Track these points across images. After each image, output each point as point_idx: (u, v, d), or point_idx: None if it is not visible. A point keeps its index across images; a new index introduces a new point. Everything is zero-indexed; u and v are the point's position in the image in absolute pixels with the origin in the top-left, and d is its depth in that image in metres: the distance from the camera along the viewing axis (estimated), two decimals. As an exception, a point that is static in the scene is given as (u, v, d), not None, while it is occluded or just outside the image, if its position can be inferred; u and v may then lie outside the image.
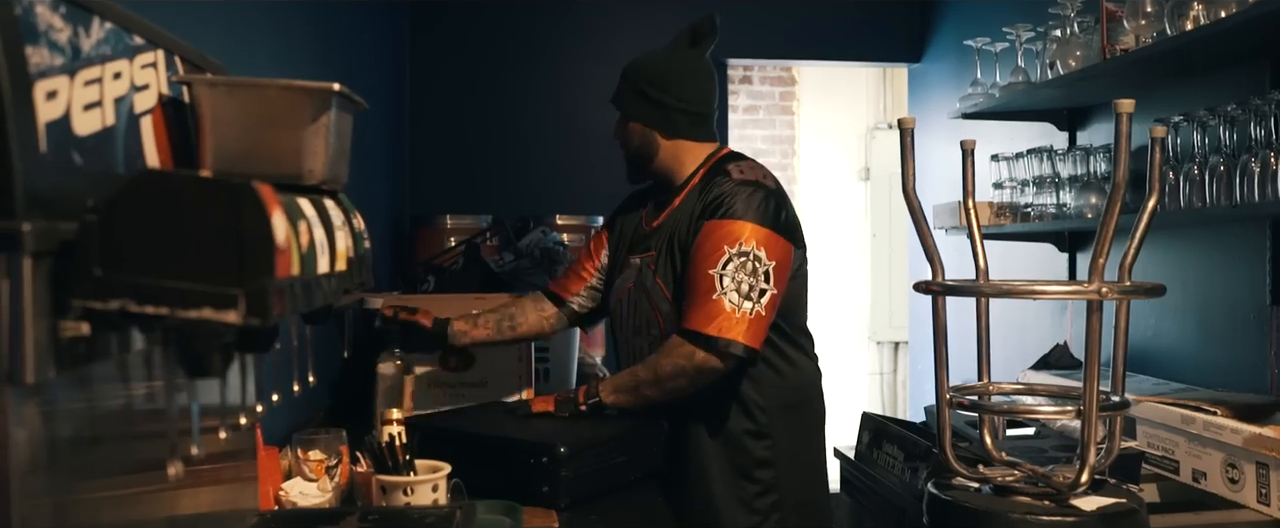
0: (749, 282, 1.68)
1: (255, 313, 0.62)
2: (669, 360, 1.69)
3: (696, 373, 1.67)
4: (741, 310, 1.67)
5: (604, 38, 3.62)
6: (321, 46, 2.37)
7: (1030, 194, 2.48)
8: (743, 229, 1.71)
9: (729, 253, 1.69)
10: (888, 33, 3.76)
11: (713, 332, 1.66)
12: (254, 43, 1.69)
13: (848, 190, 5.14)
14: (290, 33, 2.00)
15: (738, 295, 1.67)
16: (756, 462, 1.82)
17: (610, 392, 1.75)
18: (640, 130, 1.84)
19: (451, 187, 3.55)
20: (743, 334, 1.67)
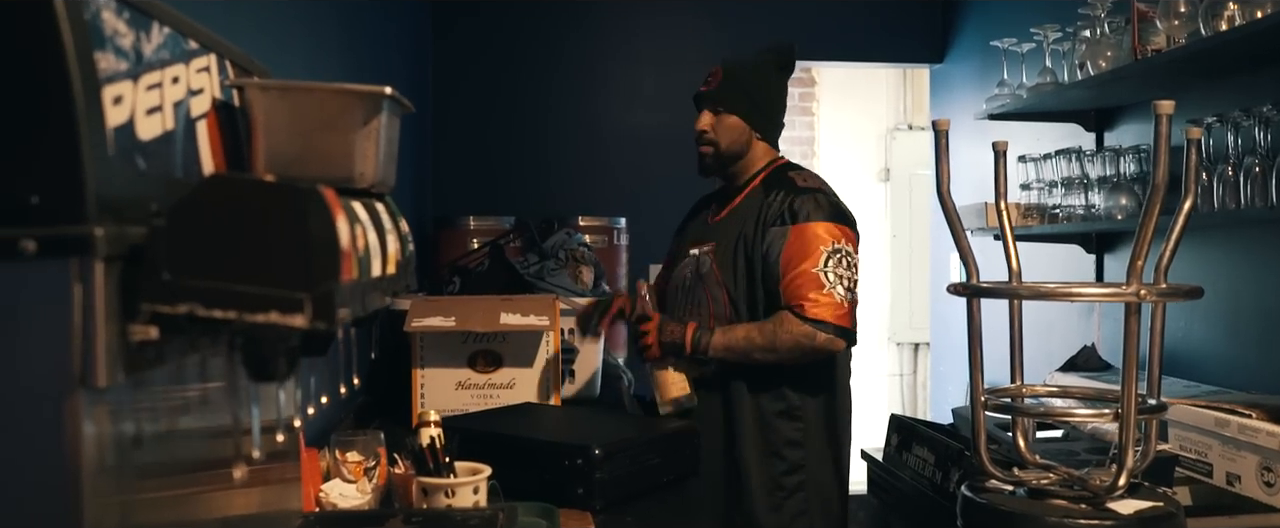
0: (847, 276, 1.91)
1: (322, 317, 0.63)
2: (789, 335, 1.88)
3: (814, 351, 1.88)
4: (846, 300, 1.90)
5: (625, 39, 3.63)
6: (350, 49, 2.38)
7: (1058, 195, 2.47)
8: (831, 229, 1.92)
9: (825, 251, 1.90)
10: (909, 34, 3.74)
11: (832, 319, 1.87)
12: (290, 45, 1.70)
13: (867, 191, 5.12)
14: (324, 37, 2.01)
15: (843, 289, 1.90)
16: (787, 442, 1.97)
17: (722, 348, 1.92)
18: (739, 127, 2.01)
19: (473, 188, 3.56)
20: (850, 322, 1.91)
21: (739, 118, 2.01)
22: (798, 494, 1.97)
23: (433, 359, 2.19)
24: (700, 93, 2.08)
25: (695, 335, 1.94)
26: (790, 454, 1.97)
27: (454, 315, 2.15)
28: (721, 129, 2.02)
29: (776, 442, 1.96)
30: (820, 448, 1.99)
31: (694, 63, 3.67)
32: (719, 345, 1.93)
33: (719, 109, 2.03)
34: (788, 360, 1.91)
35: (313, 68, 2.10)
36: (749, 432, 1.96)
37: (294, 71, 1.84)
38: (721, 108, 2.02)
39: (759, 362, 1.92)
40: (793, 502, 1.97)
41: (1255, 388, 2.10)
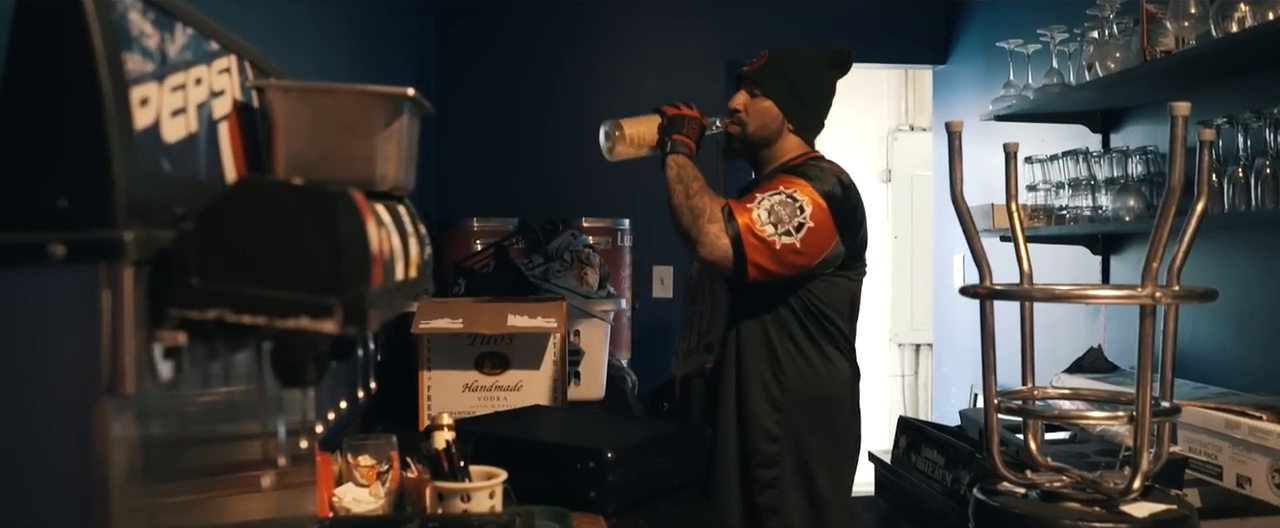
0: (782, 214, 1.80)
1: (353, 321, 0.62)
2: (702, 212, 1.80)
3: (696, 236, 1.79)
4: (762, 226, 1.79)
5: (628, 38, 3.62)
6: (356, 49, 2.38)
7: (1065, 197, 2.46)
8: (802, 184, 1.84)
9: (779, 191, 1.82)
10: (912, 35, 3.74)
11: (740, 220, 1.78)
12: (299, 45, 1.69)
13: (869, 192, 5.09)
14: (331, 35, 2.01)
15: (765, 214, 1.78)
16: (766, 460, 1.92)
17: (676, 177, 1.86)
18: (772, 112, 1.95)
19: (477, 189, 3.55)
20: (752, 244, 1.77)
21: (774, 103, 1.96)
22: (775, 517, 1.92)
23: (439, 361, 2.18)
24: (741, 71, 2.03)
25: (673, 143, 1.90)
26: (766, 475, 1.93)
27: (461, 318, 2.14)
28: (753, 111, 1.97)
29: (755, 458, 1.93)
30: (801, 468, 1.93)
31: (696, 63, 3.68)
32: (673, 164, 1.88)
33: (756, 91, 1.98)
34: (678, 227, 1.83)
35: (320, 67, 2.09)
36: (731, 444, 1.94)
37: (304, 72, 1.84)
38: (758, 90, 1.97)
39: (674, 206, 1.85)
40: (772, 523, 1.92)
41: (1263, 390, 2.10)
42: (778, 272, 1.81)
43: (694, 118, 1.98)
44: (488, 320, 2.14)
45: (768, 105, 1.99)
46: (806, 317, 1.91)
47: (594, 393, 2.60)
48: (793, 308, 1.91)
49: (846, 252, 1.89)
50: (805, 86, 1.98)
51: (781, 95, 1.97)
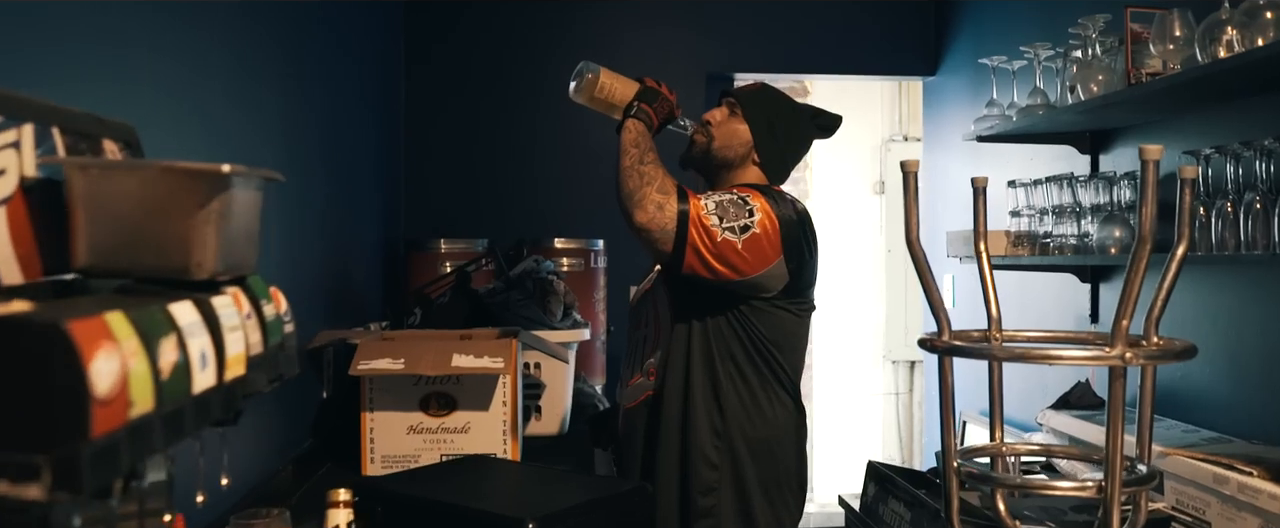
0: (729, 210, 1.72)
1: (65, 485, 0.50)
2: (659, 188, 1.72)
3: (648, 203, 1.70)
4: (708, 215, 1.71)
5: (608, 53, 3.48)
6: (299, 63, 2.27)
7: (1050, 223, 2.33)
8: (756, 195, 1.77)
9: (732, 193, 1.76)
10: (902, 46, 3.61)
11: (691, 202, 1.71)
12: (246, 57, 1.58)
13: (862, 204, 4.99)
14: (287, 49, 1.89)
15: (713, 206, 1.72)
16: (705, 487, 1.81)
17: (632, 141, 1.78)
18: (742, 138, 1.88)
19: (448, 208, 3.44)
20: (695, 230, 1.69)
21: (748, 128, 1.89)
22: None
23: (382, 402, 2.07)
24: (727, 88, 1.98)
25: (639, 110, 1.83)
26: (705, 503, 1.82)
27: (403, 357, 2.03)
28: (726, 129, 1.90)
29: (692, 490, 1.81)
30: (738, 510, 1.82)
31: (679, 78, 3.54)
32: (632, 128, 1.80)
33: (737, 110, 1.90)
34: (621, 191, 1.74)
35: (280, 80, 1.99)
36: (670, 475, 1.83)
37: (258, 83, 1.73)
38: (738, 110, 1.90)
39: (622, 170, 1.76)
40: None
41: (1258, 434, 1.97)
42: (714, 266, 1.72)
43: (668, 102, 1.89)
44: (431, 360, 2.02)
45: (741, 128, 1.91)
46: (751, 348, 1.80)
47: (554, 428, 2.49)
48: (738, 336, 1.80)
49: (790, 279, 1.78)
50: (783, 128, 1.92)
51: (758, 124, 1.90)
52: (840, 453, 4.77)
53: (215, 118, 1.64)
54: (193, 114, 1.54)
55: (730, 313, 1.80)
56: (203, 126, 1.57)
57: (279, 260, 2.00)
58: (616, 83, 1.90)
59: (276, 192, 1.94)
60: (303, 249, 2.18)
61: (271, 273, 1.91)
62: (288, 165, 2.04)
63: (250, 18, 1.82)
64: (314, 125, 2.26)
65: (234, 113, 1.73)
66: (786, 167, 1.95)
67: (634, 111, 1.84)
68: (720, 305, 1.80)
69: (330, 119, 2.41)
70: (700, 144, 1.94)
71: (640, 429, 1.87)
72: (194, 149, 1.52)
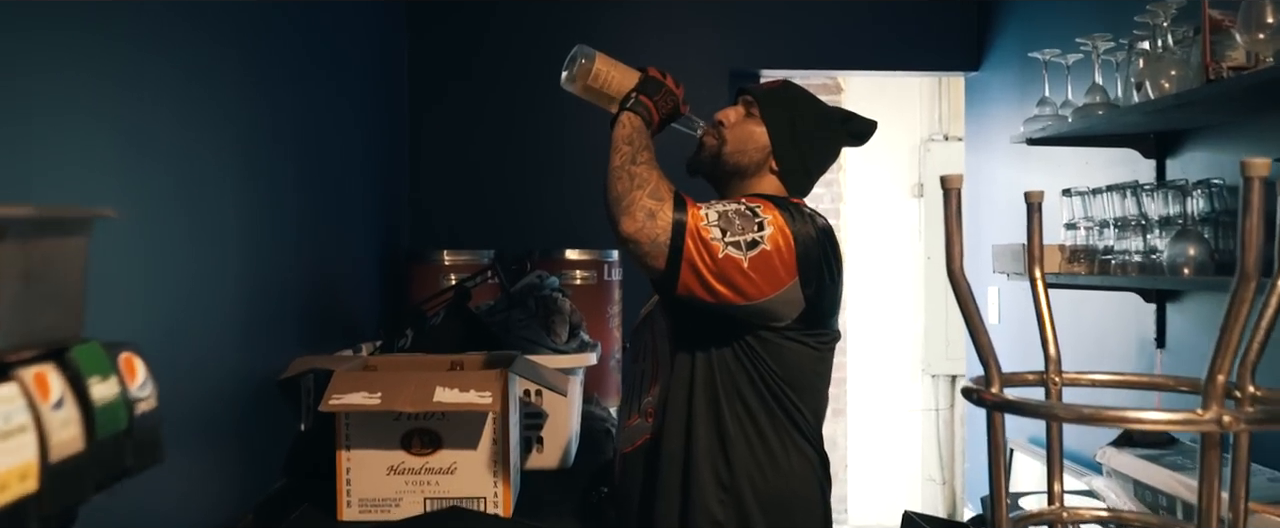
0: (735, 223, 1.48)
1: None
2: (652, 193, 1.48)
3: (637, 210, 1.46)
4: (707, 227, 1.46)
5: (626, 51, 3.25)
6: (314, 61, 2.08)
7: (1110, 237, 2.07)
8: (769, 207, 1.52)
9: (739, 203, 1.52)
10: (942, 39, 3.35)
11: (689, 211, 1.47)
12: (229, 59, 1.37)
13: (899, 208, 4.73)
14: (280, 49, 1.69)
15: (715, 216, 1.48)
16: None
17: (625, 137, 1.55)
18: (759, 142, 1.65)
19: (455, 217, 3.23)
20: (692, 244, 1.45)
21: (766, 132, 1.65)
22: None
23: (360, 439, 1.86)
24: (745, 86, 1.71)
25: (636, 102, 1.60)
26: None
27: (380, 391, 1.82)
28: (740, 131, 1.66)
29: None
30: None
31: (703, 78, 3.31)
32: (627, 122, 1.57)
33: (753, 111, 1.66)
34: (609, 194, 1.50)
35: (267, 83, 1.79)
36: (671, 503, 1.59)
37: (240, 90, 1.53)
38: (755, 110, 1.66)
39: (613, 169, 1.52)
40: None
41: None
42: (714, 287, 1.47)
43: (672, 95, 1.65)
44: (411, 395, 1.81)
45: (758, 131, 1.66)
46: (763, 387, 1.55)
47: (556, 461, 2.27)
48: (747, 372, 1.56)
49: (807, 307, 1.53)
50: (806, 132, 1.66)
51: (777, 127, 1.65)
52: (876, 473, 4.52)
53: (148, 133, 1.44)
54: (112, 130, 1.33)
55: (737, 345, 1.56)
56: (126, 143, 1.37)
57: (240, 279, 1.80)
58: (614, 71, 1.67)
59: (233, 206, 1.73)
60: (272, 267, 1.98)
61: (229, 295, 1.71)
62: (246, 175, 1.84)
63: (195, 17, 1.61)
64: (286, 131, 2.06)
65: (176, 127, 1.53)
66: (810, 177, 1.70)
67: (630, 104, 1.60)
68: (725, 335, 1.56)
69: (308, 123, 2.21)
70: (710, 147, 1.70)
71: (638, 479, 1.64)
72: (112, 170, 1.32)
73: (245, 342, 1.83)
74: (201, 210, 1.63)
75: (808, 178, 1.69)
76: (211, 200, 1.67)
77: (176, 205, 1.55)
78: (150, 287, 1.48)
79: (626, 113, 1.60)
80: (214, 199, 1.68)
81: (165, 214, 1.51)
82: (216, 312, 1.70)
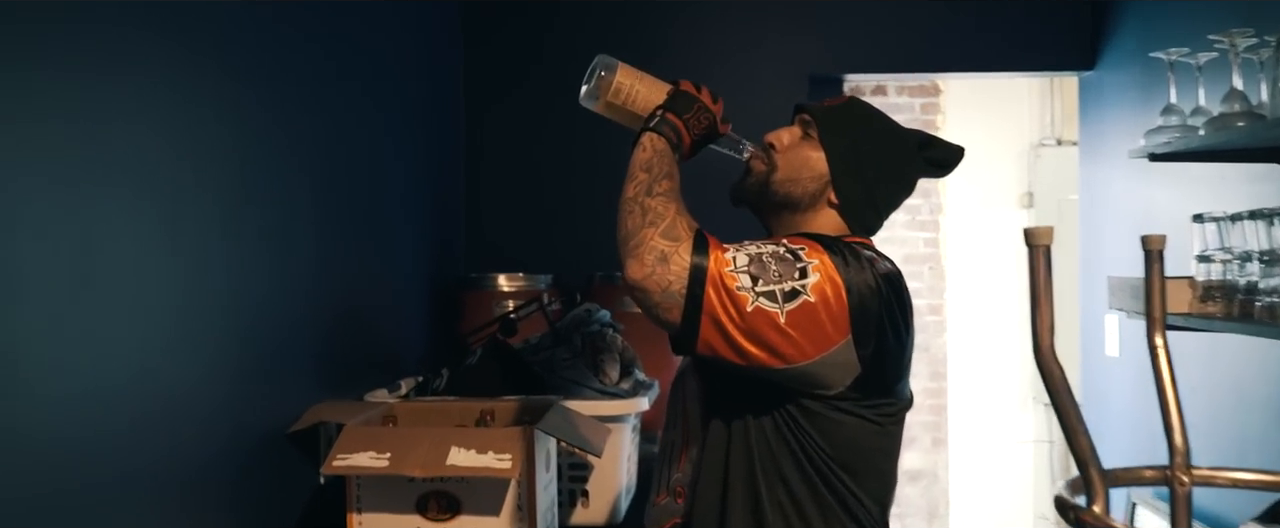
0: (770, 269, 1.23)
1: None
2: (665, 232, 1.23)
3: (647, 252, 1.22)
4: (734, 273, 1.21)
5: (697, 57, 3.02)
6: (360, 75, 1.92)
7: (1254, 272, 1.72)
8: (816, 250, 1.27)
9: (780, 243, 1.28)
10: (1050, 36, 2.99)
11: (712, 254, 1.22)
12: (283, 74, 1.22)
13: (1006, 219, 4.35)
14: (330, 65, 1.53)
15: (745, 260, 1.23)
16: None
17: (644, 163, 1.31)
18: (815, 169, 1.39)
19: (515, 238, 3.03)
20: (714, 295, 1.20)
21: (824, 158, 1.39)
22: None
23: (372, 501, 1.69)
24: (804, 103, 1.45)
25: (662, 120, 1.36)
26: None
27: (390, 451, 1.63)
28: (793, 156, 1.40)
29: None
30: None
31: (779, 85, 3.04)
32: (649, 145, 1.33)
33: (810, 132, 1.41)
34: (620, 230, 1.27)
35: (312, 98, 1.64)
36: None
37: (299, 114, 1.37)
38: (813, 131, 1.40)
39: (621, 205, 1.29)
40: None
41: None
42: (743, 347, 1.21)
43: (707, 111, 1.39)
44: (422, 457, 1.61)
45: (814, 156, 1.39)
46: (810, 468, 1.28)
47: (604, 516, 2.05)
48: (790, 449, 1.29)
49: (863, 372, 1.26)
50: (872, 159, 1.39)
51: (838, 152, 1.39)
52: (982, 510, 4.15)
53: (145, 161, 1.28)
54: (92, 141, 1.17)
55: (778, 414, 1.30)
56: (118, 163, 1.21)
57: (237, 312, 1.64)
58: (640, 85, 1.42)
59: (220, 232, 1.55)
60: (287, 302, 1.82)
61: (221, 332, 1.53)
62: (244, 196, 1.67)
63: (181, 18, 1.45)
64: (301, 147, 1.89)
65: (152, 139, 1.37)
66: (876, 212, 1.42)
67: (654, 123, 1.36)
68: (764, 402, 1.30)
69: (332, 139, 2.04)
70: (758, 173, 1.43)
71: None
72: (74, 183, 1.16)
73: (247, 384, 1.67)
74: (183, 235, 1.47)
75: (873, 213, 1.42)
76: (193, 223, 1.50)
77: (157, 229, 1.39)
78: (130, 321, 1.33)
79: (648, 134, 1.35)
80: (195, 222, 1.51)
81: (142, 236, 1.35)
82: (207, 351, 1.53)
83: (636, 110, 1.42)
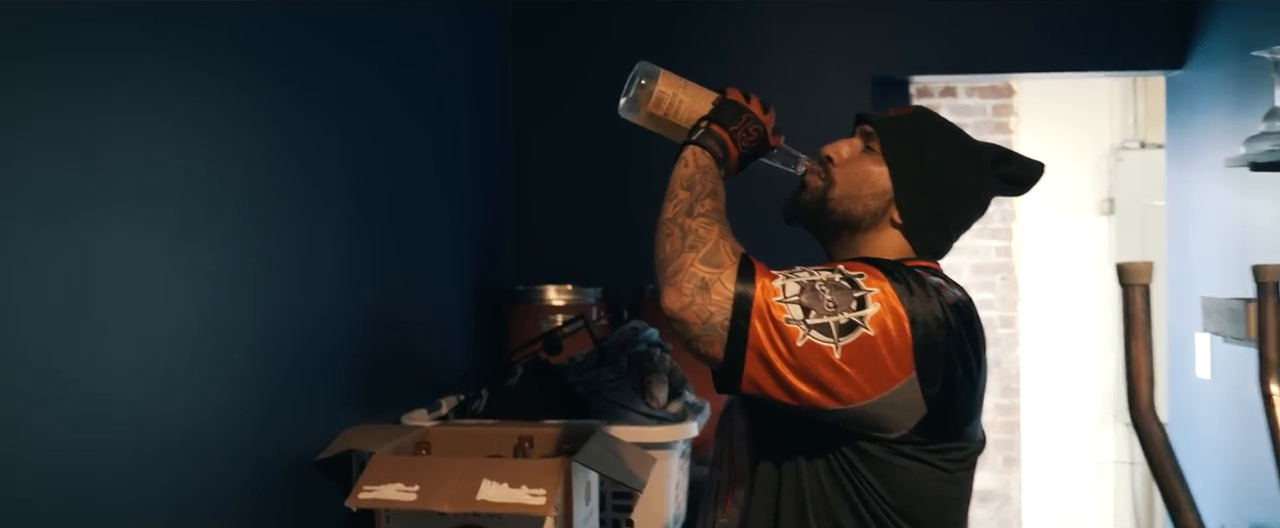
0: (824, 299, 1.11)
1: None
2: (707, 258, 1.11)
3: (685, 279, 1.09)
4: (782, 303, 1.09)
5: (755, 58, 2.89)
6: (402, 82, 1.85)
7: (1373, 296, 1.54)
8: (876, 277, 1.14)
9: (836, 269, 1.16)
10: (1135, 32, 2.79)
11: (759, 282, 1.10)
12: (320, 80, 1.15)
13: (1085, 228, 4.15)
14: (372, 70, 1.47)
15: (795, 289, 1.11)
16: None
17: (685, 180, 1.19)
18: (877, 185, 1.27)
19: (566, 247, 2.94)
20: (761, 327, 1.08)
21: (886, 173, 1.27)
22: None
23: (402, 535, 1.60)
24: (865, 112, 1.33)
25: (706, 133, 1.25)
26: None
27: (418, 482, 1.54)
28: (852, 169, 1.28)
29: None
30: None
31: (842, 91, 2.89)
32: (690, 159, 1.21)
33: (872, 144, 1.28)
34: (657, 254, 1.14)
35: (343, 100, 1.58)
36: None
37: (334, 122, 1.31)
38: (875, 144, 1.28)
39: (660, 226, 1.16)
40: None
41: None
42: (793, 385, 1.09)
43: (757, 123, 1.27)
44: (452, 490, 1.52)
45: (877, 172, 1.27)
46: (869, 519, 1.16)
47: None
48: (846, 496, 1.16)
49: (929, 413, 1.12)
50: (940, 175, 1.26)
51: (903, 167, 1.26)
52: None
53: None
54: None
55: (832, 458, 1.17)
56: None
57: (263, 331, 1.56)
58: (684, 94, 1.30)
59: (236, 245, 1.47)
60: (318, 317, 1.74)
61: (268, 353, 1.45)
62: (285, 209, 1.60)
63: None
64: (331, 155, 1.82)
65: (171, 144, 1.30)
66: (945, 234, 1.29)
67: (697, 136, 1.24)
68: (817, 444, 1.17)
69: (373, 143, 1.97)
70: (814, 189, 1.30)
71: None
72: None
73: (271, 407, 1.59)
74: (197, 244, 1.40)
75: (942, 235, 1.28)
76: (208, 233, 1.43)
77: (167, 238, 1.33)
78: (135, 340, 1.26)
79: (691, 148, 1.24)
80: (211, 231, 1.44)
81: (148, 247, 1.29)
82: (224, 371, 1.46)
83: (679, 122, 1.31)
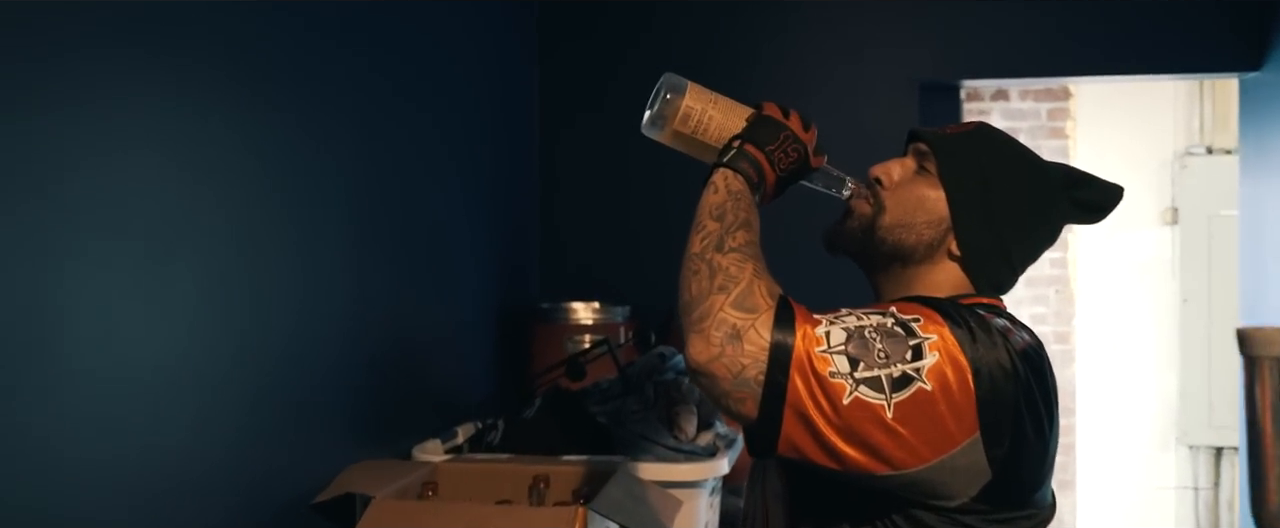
0: (875, 348, 0.95)
1: None
2: (738, 301, 0.96)
3: (713, 327, 0.94)
4: (825, 353, 0.94)
5: (788, 65, 2.73)
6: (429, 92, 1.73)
7: None
8: (934, 320, 0.99)
9: (889, 313, 1.00)
10: (1205, 34, 2.59)
11: (799, 330, 0.95)
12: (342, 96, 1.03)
13: (1147, 239, 3.94)
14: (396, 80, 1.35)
15: (842, 337, 0.96)
16: None
17: (713, 208, 1.05)
18: (933, 211, 1.11)
19: (595, 263, 2.80)
20: (800, 381, 0.93)
21: (943, 198, 1.12)
22: None
23: (405, 585, 1.47)
24: (919, 130, 1.17)
25: (739, 154, 1.09)
26: None
27: (420, 531, 1.41)
28: (904, 194, 1.13)
29: None
30: None
31: (886, 98, 2.72)
32: (721, 184, 1.07)
33: (927, 165, 1.13)
34: (682, 295, 1.00)
35: (350, 107, 1.46)
36: None
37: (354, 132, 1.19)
38: (929, 165, 1.13)
39: (686, 262, 1.02)
40: None
41: None
42: (838, 448, 0.94)
43: (797, 142, 1.12)
44: (456, 540, 1.39)
45: (932, 196, 1.11)
46: None
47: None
48: None
49: (995, 478, 0.97)
50: (1004, 201, 1.10)
51: (962, 193, 1.10)
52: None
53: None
54: None
55: (881, 525, 1.02)
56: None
57: (273, 359, 1.44)
58: (713, 109, 1.15)
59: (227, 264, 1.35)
60: (320, 342, 1.62)
61: (260, 382, 1.32)
62: (285, 223, 1.47)
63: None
64: (330, 172, 1.69)
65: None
66: (1011, 267, 1.12)
67: (730, 157, 1.09)
68: (863, 511, 1.02)
69: (384, 152, 1.84)
70: (861, 216, 1.14)
71: None
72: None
73: (263, 442, 1.47)
74: (177, 264, 1.28)
75: (1006, 268, 1.12)
76: (191, 254, 1.31)
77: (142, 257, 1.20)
78: (110, 376, 1.13)
79: (721, 171, 1.08)
80: (196, 253, 1.32)
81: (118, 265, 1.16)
82: (204, 404, 1.34)
83: (709, 141, 1.15)
